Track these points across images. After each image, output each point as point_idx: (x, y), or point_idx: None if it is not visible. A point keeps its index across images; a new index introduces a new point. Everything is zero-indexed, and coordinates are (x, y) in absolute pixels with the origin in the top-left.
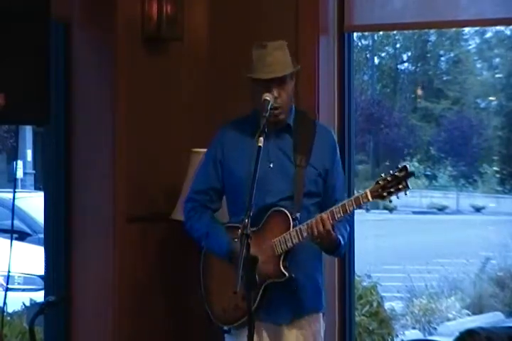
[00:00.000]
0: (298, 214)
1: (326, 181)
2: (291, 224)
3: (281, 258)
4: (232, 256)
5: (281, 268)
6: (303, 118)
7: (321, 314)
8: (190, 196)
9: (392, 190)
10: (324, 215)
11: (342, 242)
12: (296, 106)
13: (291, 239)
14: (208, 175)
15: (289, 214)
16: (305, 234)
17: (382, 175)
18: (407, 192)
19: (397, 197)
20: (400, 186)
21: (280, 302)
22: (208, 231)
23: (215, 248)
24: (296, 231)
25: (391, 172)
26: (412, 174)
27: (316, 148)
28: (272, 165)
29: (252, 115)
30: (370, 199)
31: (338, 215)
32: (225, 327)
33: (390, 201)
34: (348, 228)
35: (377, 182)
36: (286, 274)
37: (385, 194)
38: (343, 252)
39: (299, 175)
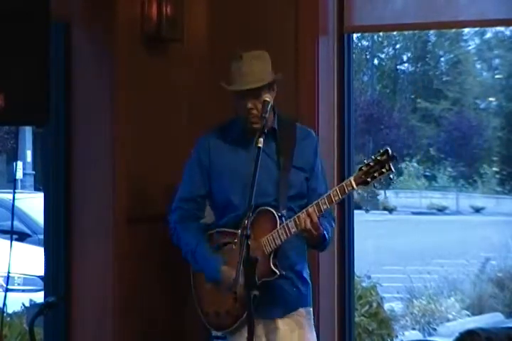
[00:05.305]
0: (284, 212)
1: (308, 182)
2: (278, 221)
3: (271, 256)
4: (223, 283)
5: (272, 266)
6: (285, 121)
7: (310, 309)
8: (176, 205)
9: (375, 174)
10: (310, 209)
11: (327, 236)
12: (277, 111)
13: (279, 236)
14: (195, 182)
15: (275, 213)
16: (293, 230)
17: (365, 161)
18: (392, 176)
19: (381, 183)
20: (384, 170)
21: (272, 297)
22: (194, 250)
23: (203, 270)
24: (284, 227)
25: (372, 157)
26: (394, 157)
27: (298, 150)
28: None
29: (234, 122)
30: (355, 186)
31: (324, 206)
32: (220, 333)
33: (375, 186)
34: (333, 223)
35: (360, 169)
36: (277, 272)
37: (368, 179)
38: (326, 248)
39: (283, 177)
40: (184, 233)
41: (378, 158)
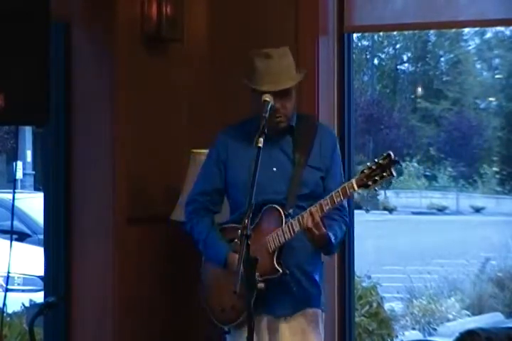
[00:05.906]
0: (291, 211)
1: (324, 182)
2: (284, 220)
3: (275, 254)
4: (229, 267)
5: (275, 264)
6: (305, 119)
7: (319, 310)
8: (192, 197)
9: (376, 178)
10: (313, 208)
11: (333, 240)
12: (298, 109)
13: (283, 234)
14: (212, 176)
15: (281, 211)
16: (296, 229)
17: (368, 164)
18: (393, 181)
19: (382, 186)
20: (385, 174)
21: (278, 295)
22: (205, 238)
23: (212, 256)
24: (288, 226)
25: (375, 160)
26: (396, 161)
27: (316, 148)
28: (275, 169)
29: (255, 119)
30: (356, 188)
31: (327, 207)
32: (226, 328)
33: (376, 190)
34: (344, 227)
35: (362, 171)
36: (280, 270)
37: (370, 183)
38: (335, 251)
39: (297, 173)
40: (198, 223)
41: (380, 161)
